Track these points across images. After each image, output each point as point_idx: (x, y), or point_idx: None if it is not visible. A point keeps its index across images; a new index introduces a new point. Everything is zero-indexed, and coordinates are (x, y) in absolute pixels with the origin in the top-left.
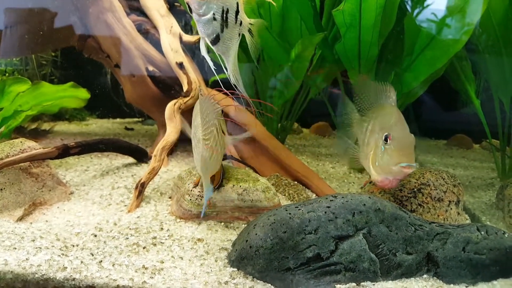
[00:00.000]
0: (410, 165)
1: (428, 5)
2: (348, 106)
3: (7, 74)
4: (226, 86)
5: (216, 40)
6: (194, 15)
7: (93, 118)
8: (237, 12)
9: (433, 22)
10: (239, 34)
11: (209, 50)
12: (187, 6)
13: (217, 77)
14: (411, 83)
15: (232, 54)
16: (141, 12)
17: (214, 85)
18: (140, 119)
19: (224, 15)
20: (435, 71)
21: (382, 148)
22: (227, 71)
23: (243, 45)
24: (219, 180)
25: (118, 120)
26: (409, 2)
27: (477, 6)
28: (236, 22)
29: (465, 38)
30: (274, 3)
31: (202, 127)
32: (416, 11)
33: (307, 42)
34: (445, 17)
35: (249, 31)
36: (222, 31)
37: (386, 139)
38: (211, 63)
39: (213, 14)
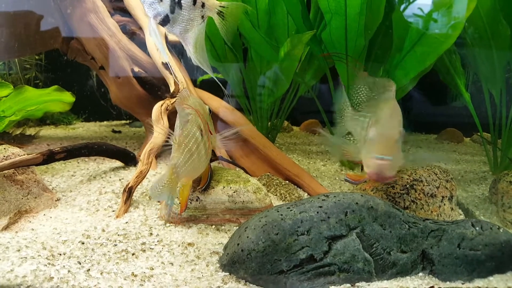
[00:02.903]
0: (383, 158)
1: (414, 0)
2: (341, 100)
3: None
4: (215, 85)
5: (165, 22)
6: None
7: (80, 122)
8: None
9: (420, 17)
10: (203, 17)
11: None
12: None
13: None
14: (401, 80)
15: (192, 36)
16: (125, 12)
17: (202, 84)
18: (127, 121)
19: None
20: (425, 68)
21: None
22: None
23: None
24: (206, 181)
25: (105, 122)
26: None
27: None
28: (195, 4)
29: (456, 33)
30: None
31: (180, 132)
32: (402, 6)
33: (296, 40)
34: (432, 12)
35: (220, 13)
36: (172, 12)
37: None
38: (159, 46)
39: None
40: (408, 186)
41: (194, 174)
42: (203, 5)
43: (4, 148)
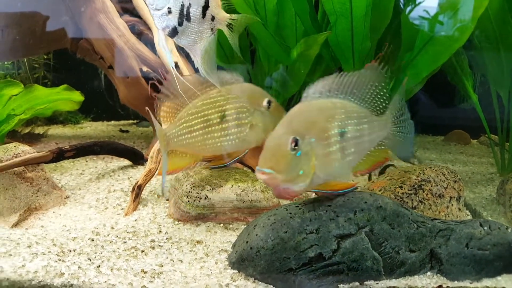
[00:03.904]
0: (260, 170)
1: (420, 2)
2: None
3: None
4: None
5: (173, 33)
6: (149, 7)
7: (88, 121)
8: (205, 7)
9: (426, 19)
10: (212, 29)
11: None
12: None
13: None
14: (413, 79)
15: (200, 48)
16: (133, 13)
17: None
18: (135, 121)
19: (185, 9)
20: (437, 67)
21: None
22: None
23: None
24: (220, 165)
25: (112, 122)
26: (402, 1)
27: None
28: (204, 17)
29: (469, 31)
30: None
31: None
32: (408, 8)
33: (311, 41)
34: (437, 14)
35: (230, 26)
36: (180, 24)
37: None
38: (168, 55)
39: (168, 8)
40: (416, 186)
41: (193, 149)
42: (213, 18)
43: (14, 146)
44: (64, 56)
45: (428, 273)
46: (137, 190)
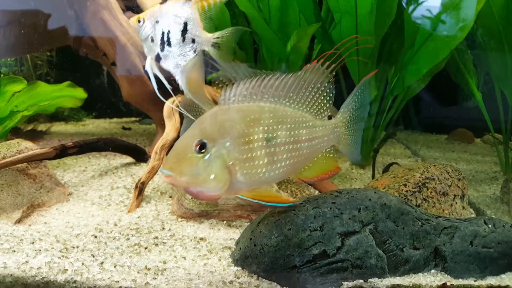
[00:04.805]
0: (163, 172)
1: (422, 2)
2: None
3: (2, 75)
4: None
5: (158, 59)
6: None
7: (90, 119)
8: (184, 31)
9: (428, 19)
10: (195, 51)
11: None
12: None
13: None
14: (414, 75)
15: (184, 70)
16: (136, 11)
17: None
18: (137, 119)
19: (165, 36)
20: (437, 63)
21: None
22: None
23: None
24: None
25: (115, 120)
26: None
27: None
28: (184, 40)
29: (468, 27)
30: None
31: None
32: (411, 7)
33: (302, 33)
34: (440, 13)
35: (215, 45)
36: (162, 50)
37: None
38: (152, 81)
39: (151, 37)
40: (420, 184)
41: None
42: (193, 41)
43: (17, 143)
44: (67, 53)
45: (432, 271)
46: (140, 186)
